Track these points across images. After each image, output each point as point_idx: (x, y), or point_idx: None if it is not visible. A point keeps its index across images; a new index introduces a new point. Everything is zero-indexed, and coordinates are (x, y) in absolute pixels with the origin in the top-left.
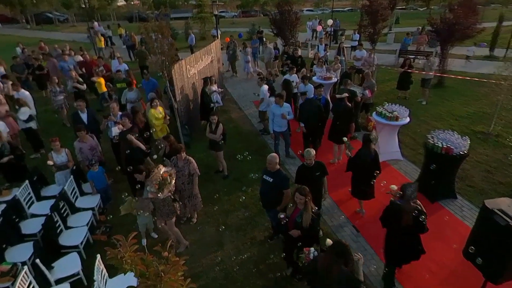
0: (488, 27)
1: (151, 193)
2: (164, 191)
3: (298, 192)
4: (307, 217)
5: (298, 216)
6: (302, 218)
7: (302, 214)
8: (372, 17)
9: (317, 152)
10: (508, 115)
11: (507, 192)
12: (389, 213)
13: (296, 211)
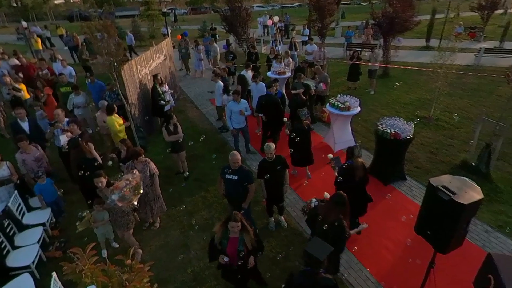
0: (423, 19)
1: (120, 201)
2: (136, 198)
3: (233, 221)
4: (249, 237)
5: (239, 245)
6: (244, 243)
7: (243, 239)
8: (320, 12)
9: (277, 146)
10: (445, 100)
11: (448, 169)
12: (344, 173)
13: (233, 242)
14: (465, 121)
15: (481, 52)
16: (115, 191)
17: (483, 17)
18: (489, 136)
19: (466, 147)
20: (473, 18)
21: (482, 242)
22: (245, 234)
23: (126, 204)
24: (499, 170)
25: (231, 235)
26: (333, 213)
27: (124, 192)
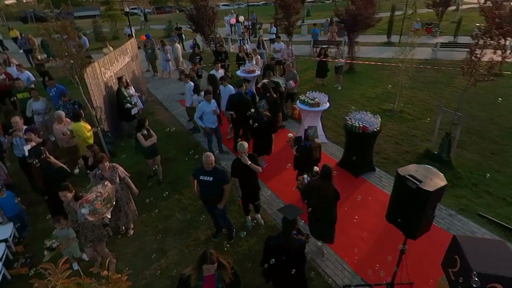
0: (384, 16)
1: (91, 215)
2: (108, 212)
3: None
4: (227, 273)
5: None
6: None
7: (220, 276)
8: (285, 11)
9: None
10: (407, 93)
11: (413, 159)
12: (301, 154)
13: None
14: (427, 112)
15: (438, 46)
16: (84, 205)
17: (438, 14)
18: (449, 125)
19: (429, 136)
20: (429, 15)
21: (447, 226)
22: (222, 271)
23: (98, 218)
24: (459, 157)
25: (206, 273)
26: (326, 183)
27: (95, 205)
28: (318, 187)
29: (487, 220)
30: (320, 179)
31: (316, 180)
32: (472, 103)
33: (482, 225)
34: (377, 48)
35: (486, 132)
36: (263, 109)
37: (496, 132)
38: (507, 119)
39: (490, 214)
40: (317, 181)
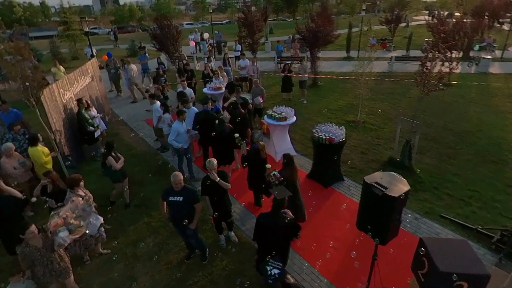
0: (342, 33)
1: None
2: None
3: None
4: None
5: None
6: None
7: None
8: (249, 29)
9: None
10: (368, 104)
11: (378, 166)
12: (251, 154)
13: None
14: (387, 122)
15: (393, 60)
16: (59, 229)
17: (391, 30)
18: (408, 133)
19: (391, 144)
20: (383, 31)
21: (413, 229)
22: None
23: (81, 234)
24: (419, 163)
25: None
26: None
27: (72, 222)
28: (289, 175)
29: (449, 221)
30: (286, 167)
31: (284, 170)
32: (427, 111)
33: (445, 226)
34: (338, 63)
35: (441, 137)
36: (227, 120)
37: (450, 137)
38: (458, 125)
39: (452, 215)
40: (285, 171)
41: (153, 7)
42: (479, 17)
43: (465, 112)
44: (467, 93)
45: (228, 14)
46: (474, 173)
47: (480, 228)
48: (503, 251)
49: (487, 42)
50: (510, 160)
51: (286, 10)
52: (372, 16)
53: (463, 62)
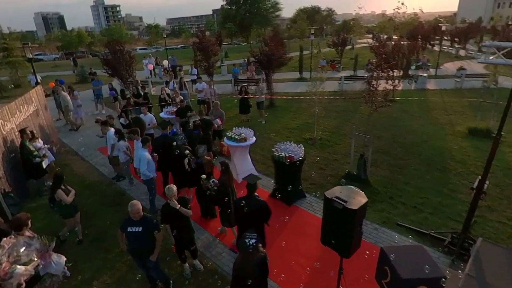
0: (294, 55)
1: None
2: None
3: None
4: None
5: None
6: None
7: None
8: (204, 53)
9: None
10: (323, 122)
11: (337, 181)
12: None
13: None
14: (342, 138)
15: (342, 80)
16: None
17: (338, 52)
18: (361, 147)
19: (347, 159)
20: (331, 53)
21: (374, 239)
22: None
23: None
24: (374, 175)
25: None
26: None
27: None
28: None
29: (405, 228)
30: (223, 174)
31: (222, 177)
32: (376, 126)
33: (402, 233)
34: (292, 84)
35: (391, 150)
36: (181, 142)
37: (399, 149)
38: (405, 138)
39: (407, 222)
40: (222, 177)
41: (104, 32)
42: (414, 39)
43: (409, 125)
44: (410, 108)
45: (182, 38)
46: (423, 181)
47: (433, 233)
48: (454, 253)
49: (422, 62)
50: (452, 167)
51: (239, 35)
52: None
53: (403, 80)
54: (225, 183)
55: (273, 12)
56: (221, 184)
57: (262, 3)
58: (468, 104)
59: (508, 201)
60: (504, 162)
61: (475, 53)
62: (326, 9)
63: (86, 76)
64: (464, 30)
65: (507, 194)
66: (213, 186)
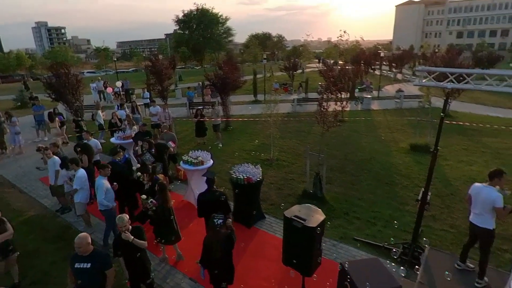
0: (248, 79)
1: None
2: None
3: None
4: None
5: None
6: None
7: None
8: (157, 76)
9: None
10: (279, 142)
11: (295, 200)
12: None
13: None
14: (298, 157)
15: (295, 102)
16: None
17: (290, 76)
18: (316, 166)
19: (303, 178)
20: (283, 76)
21: (333, 256)
22: None
23: None
24: (329, 192)
25: None
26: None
27: None
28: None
29: (361, 242)
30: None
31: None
32: (329, 145)
33: (359, 247)
34: (247, 106)
35: (344, 167)
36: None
37: (351, 166)
38: (356, 155)
39: (362, 236)
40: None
41: (47, 55)
42: (357, 64)
43: (359, 143)
44: (358, 127)
45: (134, 62)
46: (374, 195)
47: (387, 245)
48: (407, 262)
49: (366, 85)
50: (399, 181)
51: (193, 59)
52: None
53: (351, 101)
54: (164, 204)
55: (226, 38)
56: (158, 204)
57: (215, 28)
58: (407, 122)
59: (448, 210)
60: (442, 174)
61: (410, 76)
62: (277, 35)
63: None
64: (399, 56)
65: (447, 204)
66: (152, 206)
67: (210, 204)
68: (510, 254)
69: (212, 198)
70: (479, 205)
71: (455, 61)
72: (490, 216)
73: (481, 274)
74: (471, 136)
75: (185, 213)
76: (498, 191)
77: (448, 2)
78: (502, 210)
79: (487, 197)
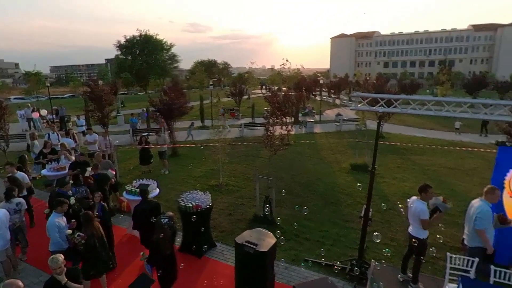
0: (195, 105)
1: None
2: None
3: None
4: None
5: None
6: None
7: None
8: (97, 102)
9: None
10: (228, 167)
11: (246, 225)
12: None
13: None
14: (247, 181)
15: (242, 127)
16: None
17: (236, 101)
18: (266, 189)
19: (253, 202)
20: (230, 102)
21: (286, 279)
22: None
23: None
24: (280, 214)
25: None
26: (92, 228)
27: None
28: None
29: (312, 262)
30: (86, 226)
31: (86, 229)
32: (277, 168)
33: (310, 268)
34: (195, 132)
35: (292, 189)
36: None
37: (298, 188)
38: (302, 177)
39: (313, 256)
40: (87, 229)
41: None
42: (299, 90)
43: (304, 165)
44: (303, 150)
45: (71, 87)
46: (322, 215)
47: (336, 263)
48: (355, 278)
49: (308, 109)
50: (343, 199)
51: (137, 85)
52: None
53: (295, 125)
54: (93, 235)
55: (171, 64)
56: (88, 236)
57: (160, 54)
58: (347, 144)
59: (388, 225)
60: (380, 191)
61: (347, 101)
62: (222, 62)
63: None
64: (336, 83)
65: (387, 219)
66: (80, 240)
67: (147, 213)
68: (444, 262)
69: (149, 207)
70: (411, 217)
71: (384, 87)
72: (420, 226)
73: (414, 279)
74: (402, 154)
75: (129, 248)
76: (439, 204)
77: (375, 36)
78: (425, 222)
79: (415, 210)
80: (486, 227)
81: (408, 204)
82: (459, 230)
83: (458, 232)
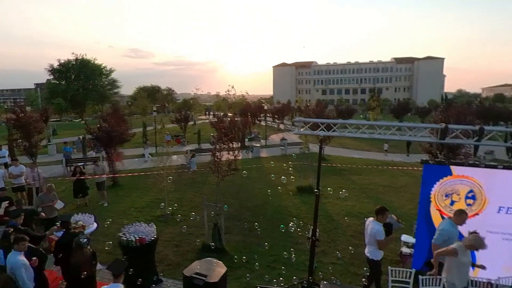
0: (137, 131)
1: None
2: None
3: None
4: None
5: None
6: None
7: None
8: (24, 131)
9: None
10: (174, 196)
11: (194, 256)
12: None
13: None
14: (194, 210)
15: (189, 153)
16: None
17: (182, 127)
18: (214, 217)
19: (202, 231)
20: (175, 128)
21: None
22: None
23: None
24: (229, 242)
25: None
26: None
27: None
28: None
29: None
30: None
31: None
32: (225, 194)
33: None
34: (137, 160)
35: (241, 215)
36: None
37: (247, 213)
38: (250, 201)
39: (264, 283)
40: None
41: None
42: (245, 116)
43: (252, 190)
44: (251, 174)
45: None
46: (271, 239)
47: (288, 286)
48: None
49: (254, 134)
50: (291, 221)
51: (71, 111)
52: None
53: (242, 150)
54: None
55: (111, 89)
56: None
57: (98, 80)
58: (293, 167)
59: (334, 244)
60: (325, 211)
61: (290, 126)
62: (166, 88)
63: None
64: (280, 109)
65: (333, 238)
66: None
67: (70, 247)
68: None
69: (71, 239)
70: (368, 237)
71: (323, 113)
72: (376, 247)
73: None
74: (343, 175)
75: None
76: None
77: (313, 66)
78: (382, 243)
79: (371, 231)
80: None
81: (365, 225)
82: (397, 244)
83: (396, 246)
